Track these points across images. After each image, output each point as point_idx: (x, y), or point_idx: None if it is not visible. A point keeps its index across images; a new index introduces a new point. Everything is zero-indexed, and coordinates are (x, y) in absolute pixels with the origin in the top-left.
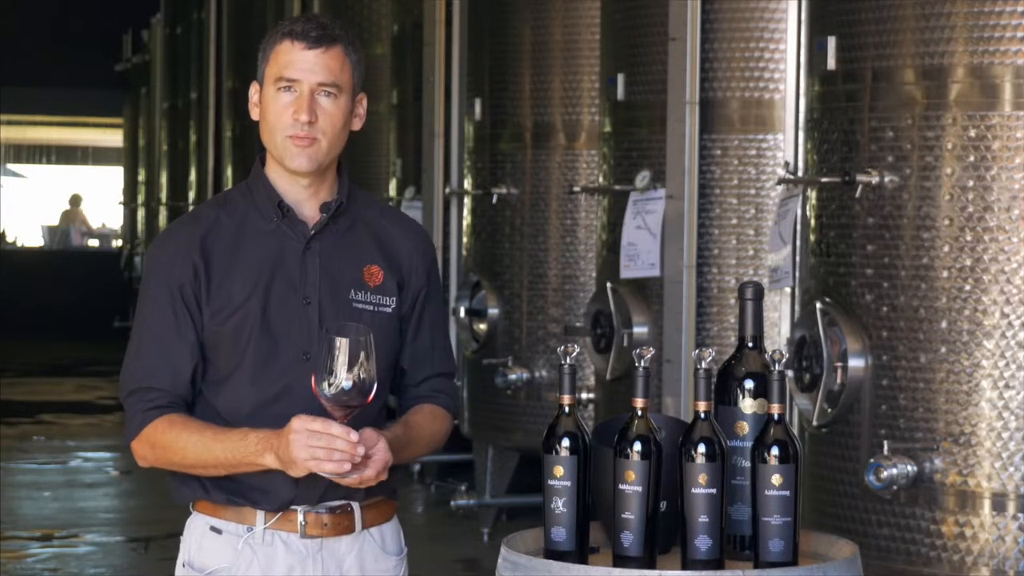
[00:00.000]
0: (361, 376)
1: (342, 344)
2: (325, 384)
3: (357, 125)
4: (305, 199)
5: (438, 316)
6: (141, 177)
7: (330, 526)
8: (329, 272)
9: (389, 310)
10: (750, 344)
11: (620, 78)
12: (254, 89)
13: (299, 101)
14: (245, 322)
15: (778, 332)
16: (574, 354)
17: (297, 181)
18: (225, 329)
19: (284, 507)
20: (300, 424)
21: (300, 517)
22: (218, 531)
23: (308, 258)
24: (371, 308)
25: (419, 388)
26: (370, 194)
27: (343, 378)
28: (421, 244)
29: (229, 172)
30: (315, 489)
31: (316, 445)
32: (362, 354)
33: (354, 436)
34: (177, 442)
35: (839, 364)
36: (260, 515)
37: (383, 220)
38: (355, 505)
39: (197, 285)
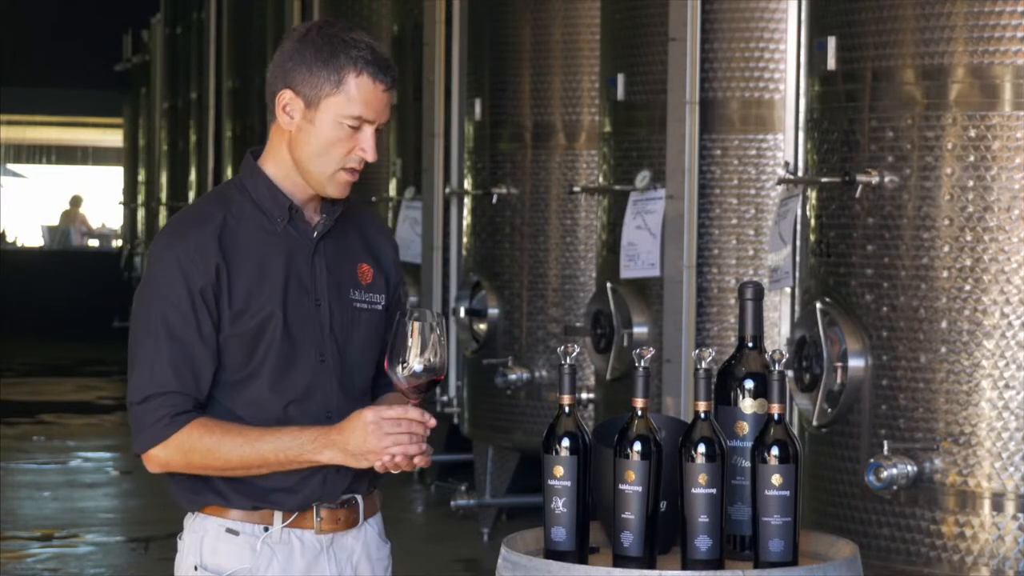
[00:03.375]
0: (431, 360)
1: (415, 329)
2: (399, 367)
3: None
4: (306, 202)
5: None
6: (141, 177)
7: (342, 521)
8: (333, 273)
9: (380, 307)
10: (750, 344)
11: (620, 78)
12: (292, 97)
13: (369, 141)
14: (267, 325)
15: (778, 332)
16: (574, 354)
17: (302, 185)
18: (245, 332)
19: (307, 506)
20: (374, 415)
21: (316, 514)
22: (235, 532)
23: (316, 261)
24: (367, 306)
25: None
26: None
27: (415, 361)
28: (392, 240)
29: (229, 172)
30: (339, 487)
31: (397, 432)
32: (433, 338)
33: (430, 419)
34: (220, 446)
35: (839, 364)
36: (278, 515)
37: (362, 219)
38: (359, 498)
39: (219, 287)
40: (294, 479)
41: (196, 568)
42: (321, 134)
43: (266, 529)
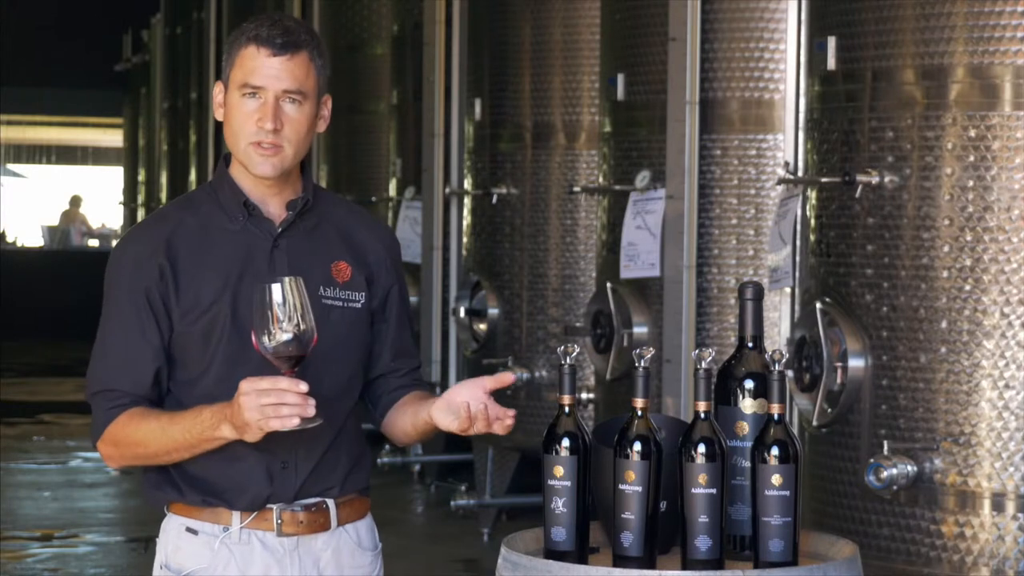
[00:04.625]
0: (300, 326)
1: (276, 294)
2: (265, 338)
3: (322, 127)
4: (270, 198)
5: (408, 311)
6: (141, 177)
7: (306, 524)
8: (297, 269)
9: (358, 306)
10: (750, 344)
11: (620, 78)
12: (218, 89)
13: (264, 109)
14: (215, 323)
15: (778, 332)
16: (574, 354)
17: (261, 182)
18: (195, 330)
19: (259, 506)
20: (248, 386)
21: (276, 516)
22: (194, 532)
23: (276, 256)
24: (340, 304)
25: (405, 378)
26: (335, 193)
27: (282, 329)
28: (389, 243)
29: None
30: (290, 485)
31: (266, 403)
32: (298, 303)
33: (303, 387)
34: (136, 433)
35: (839, 364)
36: (236, 515)
37: (350, 218)
38: (330, 502)
39: (164, 287)
40: (240, 476)
41: (161, 567)
42: (231, 112)
43: (225, 529)
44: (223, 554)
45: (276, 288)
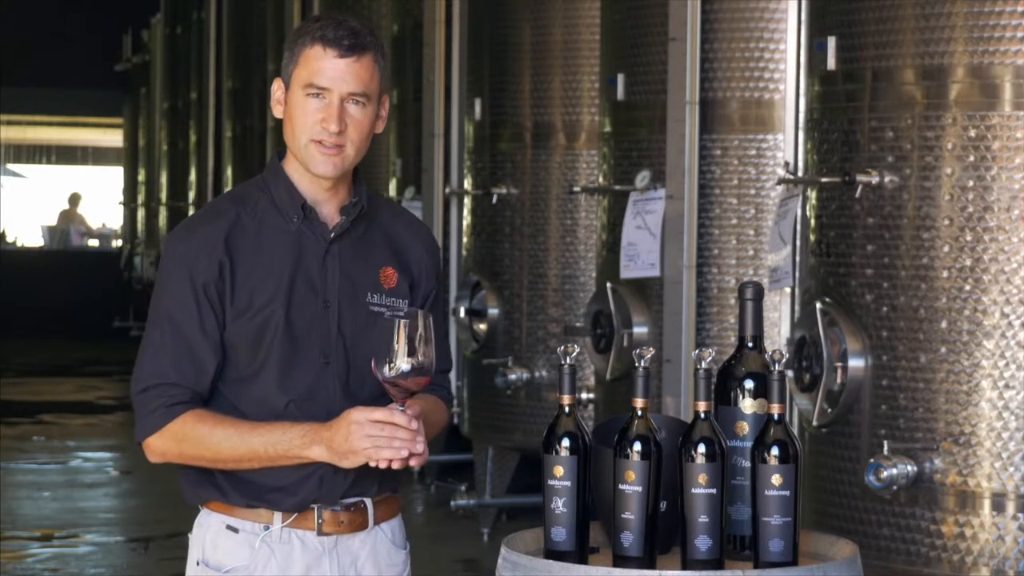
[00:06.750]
0: (420, 359)
1: (402, 327)
2: (386, 367)
3: (380, 127)
4: (324, 200)
5: (440, 315)
6: (141, 177)
7: (346, 523)
8: (348, 275)
9: (401, 312)
10: (750, 344)
11: (620, 78)
12: (278, 86)
13: (329, 109)
14: (268, 324)
15: (778, 332)
16: (574, 354)
17: (318, 182)
18: (248, 330)
19: (304, 508)
20: (361, 415)
21: (317, 515)
22: (235, 529)
23: (328, 261)
24: (386, 311)
25: None
26: (379, 194)
27: (403, 361)
28: (430, 246)
29: (229, 172)
30: (337, 489)
31: (378, 434)
32: (421, 337)
33: (415, 424)
34: (211, 436)
35: (839, 364)
36: (278, 514)
37: (395, 222)
38: (368, 501)
39: (222, 284)
40: (291, 479)
41: (198, 563)
42: (293, 110)
43: (266, 528)
44: (264, 552)
45: (404, 322)
